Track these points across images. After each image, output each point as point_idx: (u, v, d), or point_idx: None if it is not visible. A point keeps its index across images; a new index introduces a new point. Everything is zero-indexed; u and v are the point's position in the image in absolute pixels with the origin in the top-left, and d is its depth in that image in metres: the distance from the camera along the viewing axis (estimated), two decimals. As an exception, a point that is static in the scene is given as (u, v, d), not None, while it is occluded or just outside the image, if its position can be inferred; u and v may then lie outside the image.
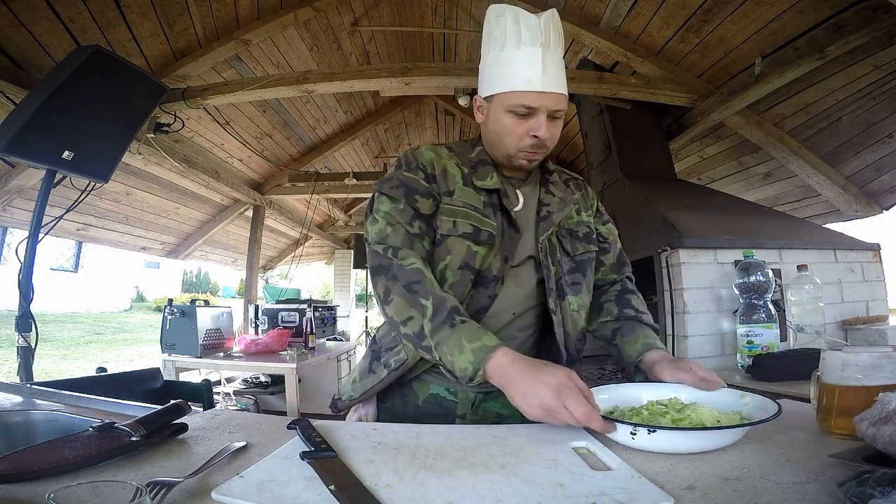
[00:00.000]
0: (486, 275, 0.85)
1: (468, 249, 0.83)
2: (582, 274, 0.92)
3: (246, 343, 3.04)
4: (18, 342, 1.81)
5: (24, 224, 2.79)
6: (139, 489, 0.38)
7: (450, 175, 0.88)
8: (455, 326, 0.71)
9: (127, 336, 9.63)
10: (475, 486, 0.48)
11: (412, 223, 0.82)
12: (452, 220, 0.84)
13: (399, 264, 0.78)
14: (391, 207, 0.83)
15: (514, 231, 0.88)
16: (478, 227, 0.84)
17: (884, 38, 1.84)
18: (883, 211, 2.69)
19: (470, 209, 0.85)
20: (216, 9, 2.53)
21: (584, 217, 0.97)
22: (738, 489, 0.47)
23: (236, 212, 4.69)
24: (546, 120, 0.83)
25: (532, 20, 0.82)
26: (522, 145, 0.85)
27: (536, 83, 0.80)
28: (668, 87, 2.53)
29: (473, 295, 0.85)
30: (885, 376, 0.62)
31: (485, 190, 0.88)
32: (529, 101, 0.81)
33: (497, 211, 0.87)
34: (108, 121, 2.02)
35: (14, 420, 0.78)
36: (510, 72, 0.82)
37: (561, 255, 0.91)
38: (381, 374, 0.87)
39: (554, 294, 0.87)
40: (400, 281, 0.77)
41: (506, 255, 0.86)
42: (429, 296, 0.74)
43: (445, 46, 3.66)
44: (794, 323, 1.61)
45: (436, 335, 0.72)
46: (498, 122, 0.86)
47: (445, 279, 0.83)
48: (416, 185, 0.85)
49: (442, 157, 0.91)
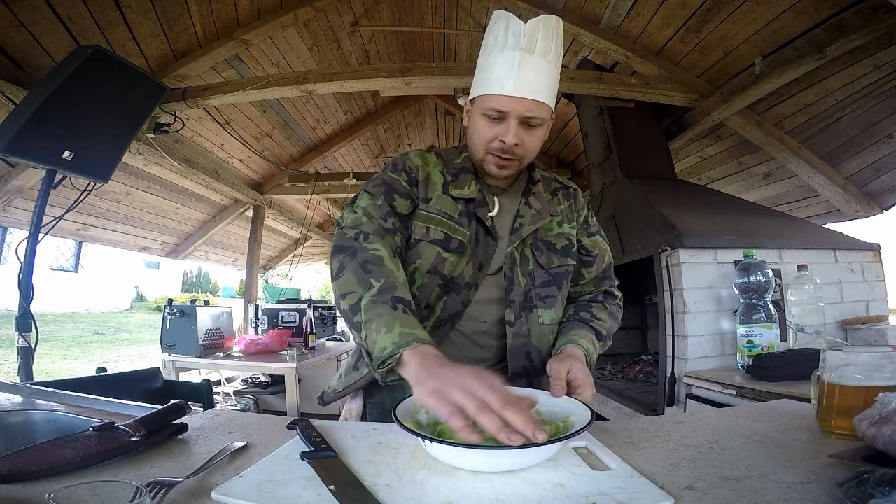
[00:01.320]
0: (459, 281, 0.86)
1: (438, 255, 0.85)
2: (557, 287, 0.91)
3: (246, 343, 3.04)
4: (18, 342, 1.81)
5: (24, 224, 2.79)
6: (139, 489, 0.38)
7: (432, 182, 0.90)
8: (396, 310, 0.69)
9: (127, 336, 9.63)
10: (475, 487, 0.48)
11: (386, 218, 0.84)
12: (426, 227, 0.86)
13: (363, 246, 0.78)
14: (369, 203, 0.85)
15: (492, 239, 0.88)
16: (449, 235, 0.85)
17: (884, 38, 1.84)
18: (883, 211, 2.69)
19: (444, 217, 0.86)
20: (216, 9, 2.53)
21: (565, 229, 0.95)
22: (738, 489, 0.47)
23: (236, 212, 4.68)
24: (517, 126, 0.81)
25: (519, 25, 0.81)
26: (490, 148, 0.85)
27: (509, 87, 0.79)
28: (668, 87, 2.53)
29: (447, 301, 0.86)
30: (885, 376, 0.63)
31: (462, 199, 0.89)
32: (499, 105, 0.81)
33: (472, 219, 0.88)
34: (108, 121, 2.02)
35: (14, 420, 0.78)
36: (490, 76, 0.83)
37: (534, 268, 0.90)
38: (362, 371, 0.89)
39: (516, 306, 0.86)
40: (357, 259, 0.76)
41: (480, 263, 0.87)
42: (381, 278, 0.73)
43: (445, 46, 3.66)
44: (794, 323, 1.61)
45: (371, 310, 0.69)
46: (473, 125, 0.88)
47: (414, 281, 0.85)
48: (397, 185, 0.88)
49: (429, 163, 0.93)
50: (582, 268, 0.99)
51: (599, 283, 1.01)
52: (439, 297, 0.86)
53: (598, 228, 1.02)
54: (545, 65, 0.81)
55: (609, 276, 1.02)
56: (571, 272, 0.95)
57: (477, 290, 0.87)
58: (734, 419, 0.75)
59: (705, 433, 0.67)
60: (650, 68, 2.57)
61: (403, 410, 0.61)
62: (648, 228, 2.01)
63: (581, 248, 0.99)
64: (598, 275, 1.00)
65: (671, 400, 1.72)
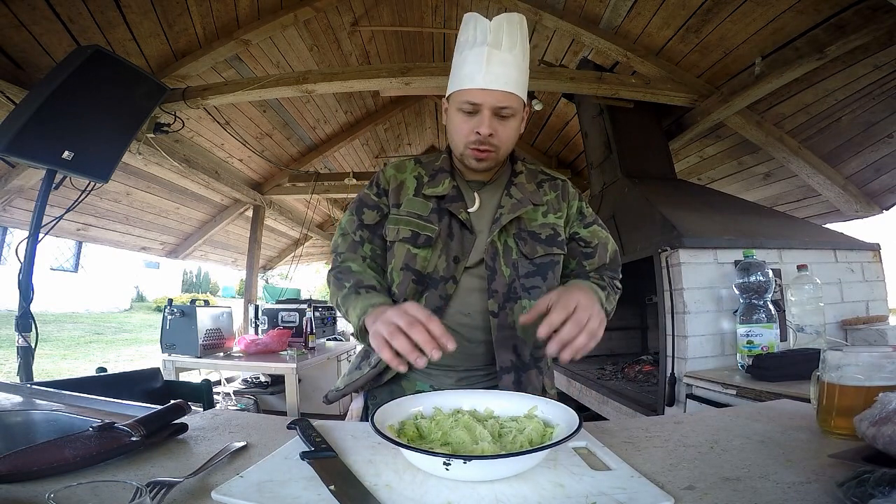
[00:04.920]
0: (434, 276, 0.89)
1: (408, 252, 0.91)
2: (542, 278, 0.91)
3: (246, 343, 3.04)
4: (18, 342, 1.81)
5: (24, 224, 2.79)
6: (139, 489, 0.38)
7: (405, 188, 0.96)
8: (360, 294, 0.84)
9: (127, 336, 9.62)
10: (475, 487, 0.48)
11: (356, 232, 0.96)
12: (396, 228, 0.93)
13: (339, 265, 0.93)
14: (347, 220, 0.98)
15: (469, 232, 0.91)
16: (416, 232, 0.90)
17: (884, 38, 1.84)
18: (883, 211, 2.69)
19: (412, 217, 0.92)
20: (216, 9, 2.53)
21: (550, 219, 0.95)
22: (738, 489, 0.47)
23: (236, 212, 4.68)
24: (490, 117, 0.85)
25: (485, 23, 0.86)
26: (468, 142, 0.88)
27: (479, 80, 0.84)
28: (668, 87, 2.53)
29: (427, 297, 0.88)
30: (885, 376, 0.63)
31: (434, 197, 0.93)
32: (472, 98, 0.85)
33: (444, 215, 0.92)
34: (108, 121, 2.02)
35: (14, 420, 0.78)
36: (461, 72, 0.87)
37: (518, 258, 0.90)
38: (364, 370, 0.93)
39: (499, 296, 0.88)
40: (334, 272, 0.93)
41: (455, 256, 0.89)
42: (350, 279, 0.88)
43: (445, 46, 3.66)
44: (794, 323, 1.61)
45: (346, 302, 0.85)
46: (451, 121, 0.92)
47: (393, 280, 0.93)
48: (367, 199, 0.98)
49: (404, 171, 0.99)
50: (583, 259, 0.99)
51: (603, 273, 0.99)
52: (418, 293, 0.89)
53: (594, 218, 1.02)
54: (511, 58, 0.85)
55: (614, 269, 1.01)
56: (559, 262, 0.95)
57: (457, 284, 0.89)
58: (734, 419, 0.75)
59: (705, 433, 0.67)
60: (650, 68, 2.57)
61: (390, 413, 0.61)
62: (648, 228, 2.01)
63: (579, 239, 0.99)
64: (603, 265, 1.00)
65: (671, 400, 1.72)
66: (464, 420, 0.59)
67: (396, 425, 0.60)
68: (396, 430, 0.59)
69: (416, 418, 0.62)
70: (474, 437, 0.56)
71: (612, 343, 3.02)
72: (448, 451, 0.53)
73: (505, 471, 0.50)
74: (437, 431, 0.58)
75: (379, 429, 0.52)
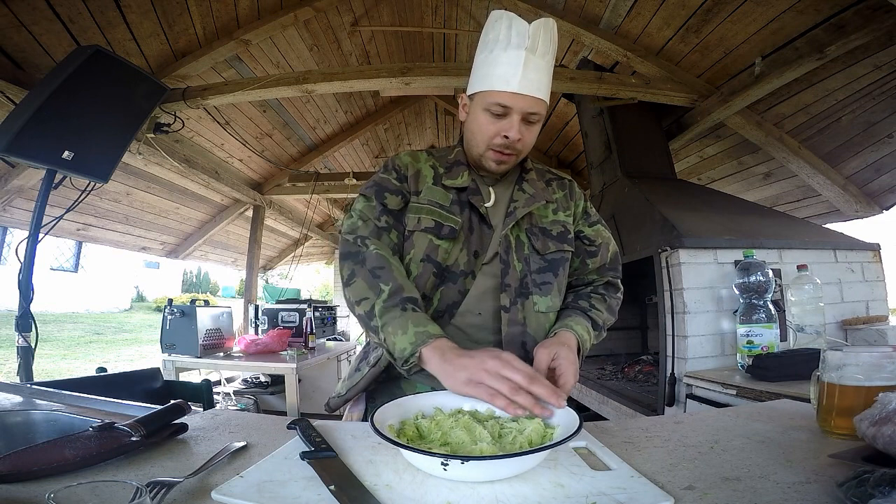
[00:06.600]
0: (454, 269, 0.87)
1: (430, 243, 0.87)
2: (553, 274, 0.91)
3: (246, 343, 3.04)
4: (18, 342, 1.81)
5: (24, 224, 2.79)
6: (139, 489, 0.38)
7: (422, 176, 0.93)
8: (406, 311, 0.75)
9: (127, 336, 9.62)
10: (475, 486, 0.48)
11: (380, 218, 0.89)
12: (417, 217, 0.89)
13: (369, 252, 0.83)
14: (364, 205, 0.90)
15: (487, 227, 0.90)
16: (440, 223, 0.88)
17: (884, 38, 1.84)
18: (883, 211, 2.69)
19: (434, 206, 0.89)
20: (216, 9, 2.53)
21: (560, 217, 0.96)
22: (738, 489, 0.47)
23: (236, 212, 4.68)
24: (519, 122, 0.85)
25: (523, 26, 0.84)
26: (493, 144, 0.87)
27: (514, 84, 0.83)
28: (668, 87, 2.53)
29: (444, 291, 0.87)
30: (885, 376, 0.63)
31: (454, 188, 0.91)
32: (504, 101, 0.84)
33: (465, 208, 0.90)
34: (108, 121, 2.02)
35: (14, 420, 0.78)
36: (493, 72, 0.85)
37: (530, 253, 0.91)
38: (364, 371, 0.90)
39: (511, 291, 0.87)
40: (366, 265, 0.81)
41: (475, 251, 0.88)
42: (389, 282, 0.78)
43: (445, 46, 3.66)
44: (794, 323, 1.61)
45: (385, 315, 0.76)
46: (475, 120, 0.90)
47: (410, 271, 0.88)
48: (387, 184, 0.92)
49: (419, 160, 0.96)
50: (587, 258, 0.99)
51: (604, 273, 1.01)
52: (435, 286, 0.87)
53: (598, 218, 1.03)
54: (544, 64, 0.85)
55: (615, 268, 1.02)
56: (568, 259, 0.96)
57: (474, 280, 0.88)
58: (734, 419, 0.75)
59: (705, 433, 0.67)
60: (650, 68, 2.57)
61: (390, 413, 0.61)
62: (648, 228, 2.01)
63: (584, 238, 0.99)
64: (604, 264, 1.00)
65: (671, 400, 1.72)
66: (464, 420, 0.59)
67: (396, 425, 0.60)
68: (396, 430, 0.59)
69: (417, 418, 0.62)
70: (474, 438, 0.56)
71: (612, 343, 3.02)
72: (447, 452, 0.53)
73: (503, 471, 0.50)
74: (437, 432, 0.58)
75: (378, 429, 0.52)
